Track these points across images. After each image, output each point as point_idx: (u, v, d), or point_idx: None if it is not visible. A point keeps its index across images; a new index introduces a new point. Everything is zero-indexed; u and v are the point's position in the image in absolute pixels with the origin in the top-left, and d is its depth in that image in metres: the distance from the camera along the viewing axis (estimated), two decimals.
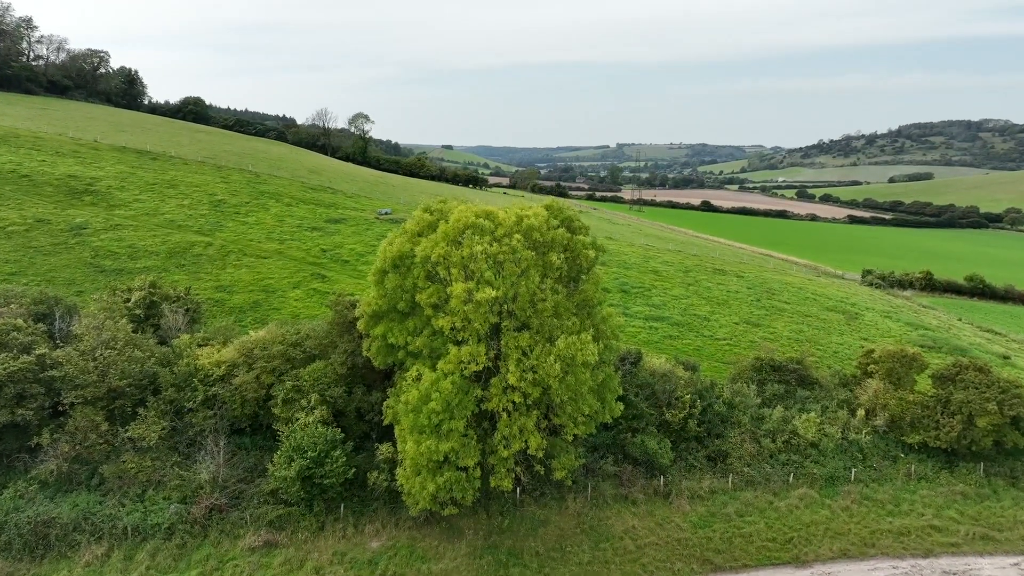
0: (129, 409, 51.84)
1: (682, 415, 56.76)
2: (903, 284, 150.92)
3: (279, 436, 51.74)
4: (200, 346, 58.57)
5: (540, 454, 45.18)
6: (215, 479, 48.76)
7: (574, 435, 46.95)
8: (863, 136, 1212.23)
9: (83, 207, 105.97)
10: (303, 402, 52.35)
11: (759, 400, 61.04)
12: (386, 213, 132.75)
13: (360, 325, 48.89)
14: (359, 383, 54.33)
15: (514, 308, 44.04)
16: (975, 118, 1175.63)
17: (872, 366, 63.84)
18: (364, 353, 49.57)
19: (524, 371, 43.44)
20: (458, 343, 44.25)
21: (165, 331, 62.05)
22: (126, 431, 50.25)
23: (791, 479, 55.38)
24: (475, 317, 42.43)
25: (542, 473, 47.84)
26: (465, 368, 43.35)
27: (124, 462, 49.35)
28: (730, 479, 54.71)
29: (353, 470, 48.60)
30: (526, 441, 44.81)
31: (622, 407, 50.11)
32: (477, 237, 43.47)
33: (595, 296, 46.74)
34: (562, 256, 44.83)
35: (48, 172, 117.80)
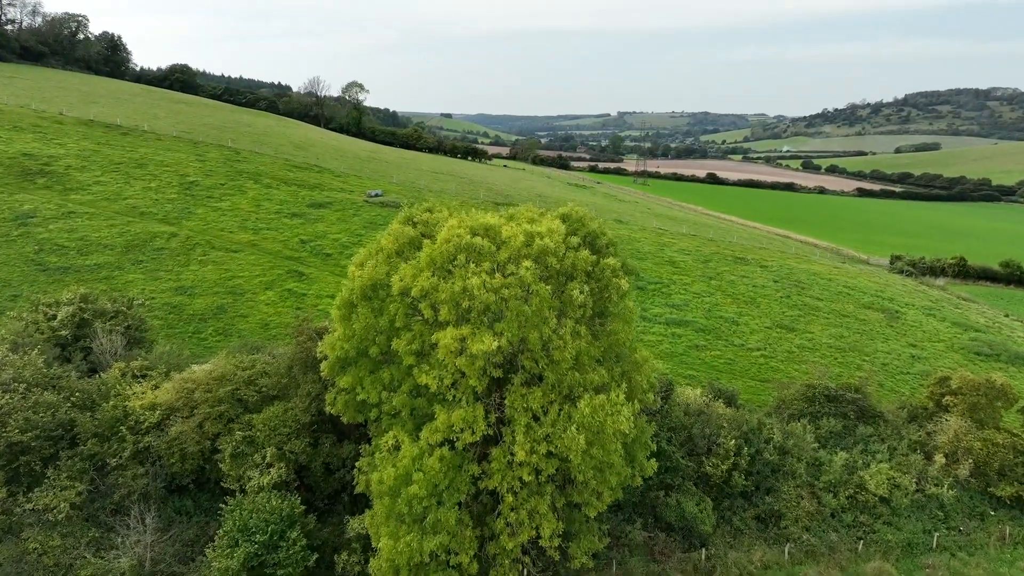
0: (37, 468, 41.25)
1: (726, 466, 46.27)
2: (934, 271, 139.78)
3: (231, 496, 41.55)
4: (136, 377, 47.88)
5: (556, 542, 34.81)
6: (141, 564, 38.29)
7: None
8: (868, 105, 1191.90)
9: (35, 191, 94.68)
10: (256, 457, 41.82)
11: (815, 443, 50.54)
12: (376, 195, 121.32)
13: (324, 370, 38.13)
14: (328, 432, 43.79)
15: (522, 359, 33.30)
16: (983, 86, 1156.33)
17: (948, 397, 53.27)
18: (328, 409, 38.82)
19: (535, 441, 32.82)
20: (448, 402, 33.58)
21: (98, 356, 51.27)
22: (29, 500, 39.71)
23: (860, 548, 45.05)
24: (470, 372, 31.74)
25: (556, 559, 37.39)
26: (457, 438, 32.73)
27: (25, 541, 38.92)
28: (786, 549, 44.33)
29: (315, 555, 38.18)
30: (537, 527, 34.40)
31: (655, 465, 39.73)
32: (473, 265, 32.55)
33: (627, 338, 35.85)
34: (586, 288, 33.85)
35: (1, 150, 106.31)
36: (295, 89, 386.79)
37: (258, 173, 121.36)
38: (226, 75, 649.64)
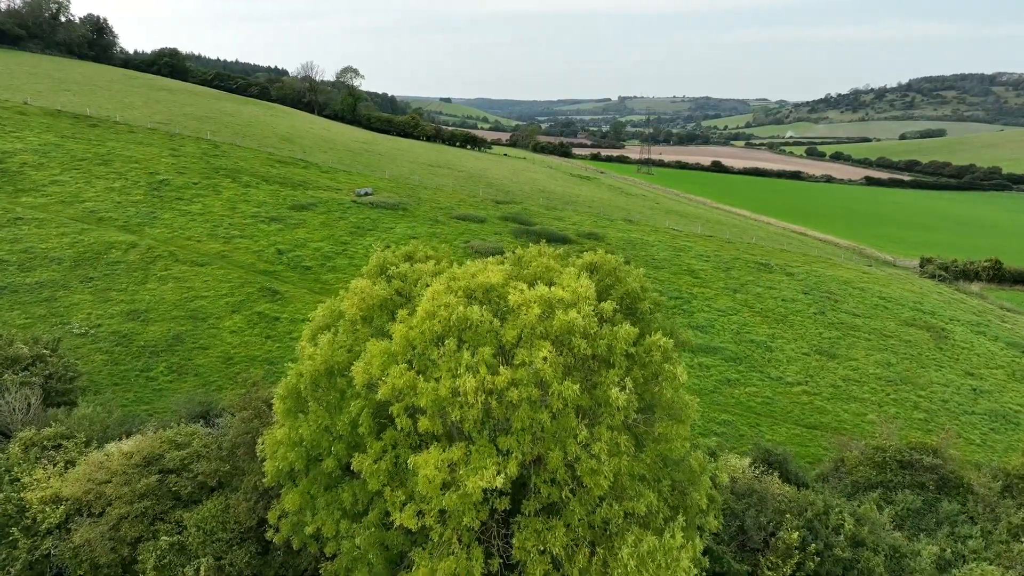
0: None
1: (788, 568, 36.56)
2: (968, 275, 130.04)
3: None
4: (46, 449, 38.10)
5: None
6: None
7: None
8: (872, 90, 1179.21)
9: None
10: (188, 571, 32.08)
11: (895, 531, 40.83)
12: (366, 193, 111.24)
13: (267, 474, 28.25)
14: None
15: (536, 479, 23.49)
16: (988, 71, 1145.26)
17: None
18: (269, 535, 28.99)
19: None
20: (433, 542, 23.79)
21: (6, 416, 41.49)
22: None
23: None
24: (464, 508, 21.94)
25: None
26: None
27: None
28: None
29: None
30: None
31: None
32: (468, 353, 22.61)
33: (682, 446, 25.91)
34: (628, 382, 23.85)
35: None
36: (291, 73, 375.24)
37: (237, 170, 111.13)
38: (221, 59, 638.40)
